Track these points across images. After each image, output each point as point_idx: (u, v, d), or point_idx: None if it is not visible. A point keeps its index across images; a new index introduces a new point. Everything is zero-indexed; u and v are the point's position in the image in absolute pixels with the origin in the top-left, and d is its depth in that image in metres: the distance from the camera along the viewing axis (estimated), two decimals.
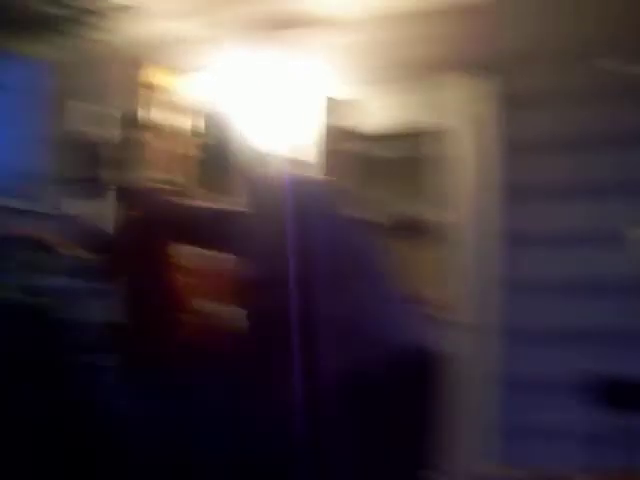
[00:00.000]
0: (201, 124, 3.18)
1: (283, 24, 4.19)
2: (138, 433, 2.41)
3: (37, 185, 4.46)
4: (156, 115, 4.06)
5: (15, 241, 2.86)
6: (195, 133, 3.19)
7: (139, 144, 3.75)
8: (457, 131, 4.04)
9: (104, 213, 2.79)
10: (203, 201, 2.60)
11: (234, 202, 2.55)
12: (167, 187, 2.70)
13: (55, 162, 4.83)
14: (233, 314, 2.41)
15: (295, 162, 3.31)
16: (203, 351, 2.41)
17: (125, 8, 3.73)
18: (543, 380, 3.59)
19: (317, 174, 3.84)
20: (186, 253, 2.55)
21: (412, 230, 4.41)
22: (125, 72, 4.26)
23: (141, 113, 3.94)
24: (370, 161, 4.32)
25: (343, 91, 4.20)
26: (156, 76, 4.09)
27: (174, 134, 3.75)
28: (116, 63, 4.53)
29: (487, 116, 3.92)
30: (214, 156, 2.97)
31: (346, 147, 4.19)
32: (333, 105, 4.20)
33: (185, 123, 3.38)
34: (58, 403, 2.68)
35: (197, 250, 2.54)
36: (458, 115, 4.04)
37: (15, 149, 4.55)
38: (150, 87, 4.11)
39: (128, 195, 2.68)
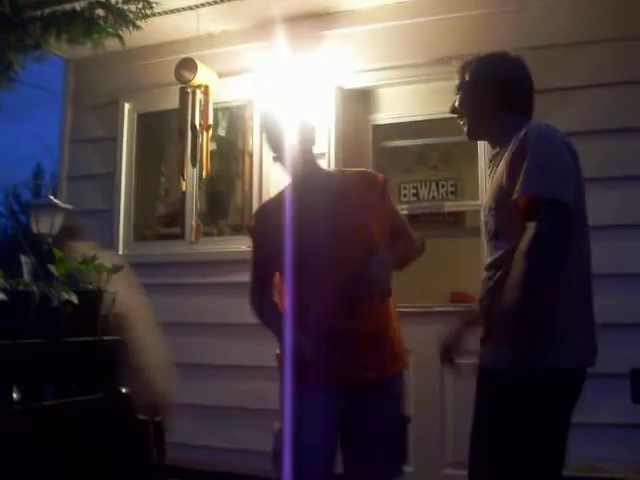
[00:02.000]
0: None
1: (296, 17, 4.22)
2: None
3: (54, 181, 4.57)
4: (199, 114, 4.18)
5: None
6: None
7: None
8: None
9: None
10: None
11: None
12: None
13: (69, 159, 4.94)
14: None
15: None
16: None
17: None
18: None
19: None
20: None
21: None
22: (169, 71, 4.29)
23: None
24: (385, 151, 4.33)
25: (357, 80, 4.21)
26: (199, 76, 4.16)
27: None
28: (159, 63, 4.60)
29: None
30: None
31: (361, 137, 4.22)
32: (347, 95, 4.22)
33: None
34: None
35: None
36: None
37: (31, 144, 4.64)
38: (194, 87, 4.20)
39: None
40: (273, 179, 4.27)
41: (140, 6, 3.41)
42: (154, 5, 3.46)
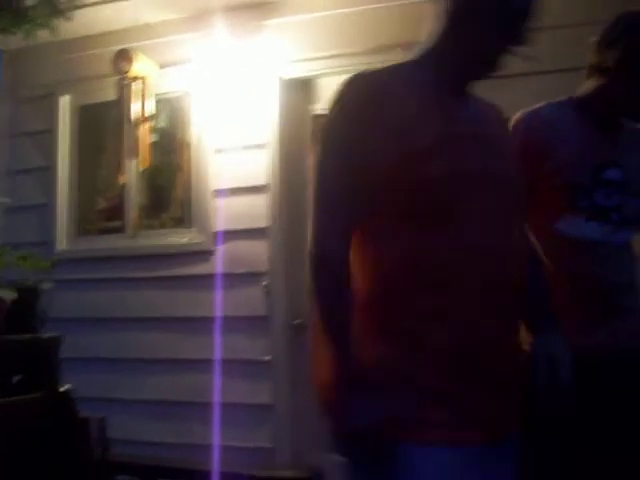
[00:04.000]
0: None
1: (236, 6, 4.19)
2: None
3: None
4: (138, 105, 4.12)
5: None
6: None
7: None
8: None
9: None
10: None
11: None
12: None
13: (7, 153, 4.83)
14: None
15: None
16: None
17: None
18: None
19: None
20: None
21: None
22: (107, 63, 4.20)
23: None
24: None
25: (298, 70, 4.20)
26: (137, 67, 4.10)
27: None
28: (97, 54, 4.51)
29: None
30: None
31: (303, 127, 4.21)
32: (288, 85, 4.21)
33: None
34: None
35: None
36: None
37: None
38: (132, 78, 4.14)
39: None
40: (212, 171, 4.24)
41: None
42: None
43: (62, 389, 2.96)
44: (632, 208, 2.13)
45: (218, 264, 4.17)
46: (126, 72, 4.11)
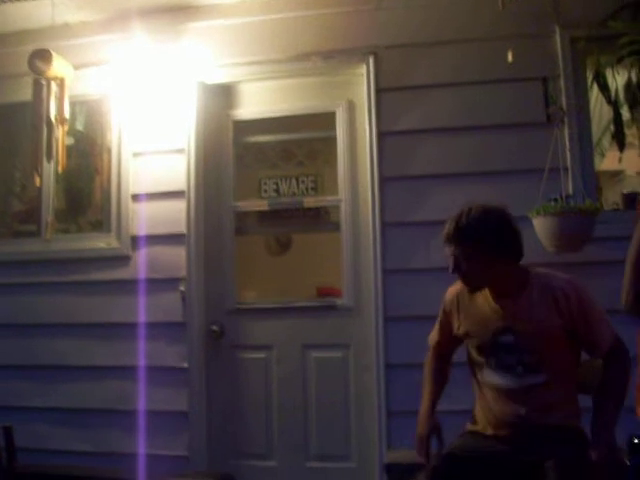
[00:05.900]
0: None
1: (157, 9, 4.15)
2: None
3: None
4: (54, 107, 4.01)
5: None
6: None
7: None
8: (333, 115, 4.07)
9: None
10: None
11: None
12: None
13: None
14: None
15: None
16: None
17: None
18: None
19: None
20: None
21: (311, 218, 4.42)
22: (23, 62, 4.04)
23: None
24: (247, 146, 4.32)
25: (218, 75, 4.18)
26: (54, 68, 3.99)
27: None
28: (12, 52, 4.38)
29: (362, 101, 3.96)
30: None
31: (222, 132, 4.19)
32: (207, 90, 4.19)
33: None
34: None
35: None
36: (334, 99, 4.07)
37: None
38: (50, 79, 4.03)
39: None
40: (132, 175, 4.18)
41: None
42: None
43: None
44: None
45: (136, 269, 4.11)
46: (43, 72, 4.00)
